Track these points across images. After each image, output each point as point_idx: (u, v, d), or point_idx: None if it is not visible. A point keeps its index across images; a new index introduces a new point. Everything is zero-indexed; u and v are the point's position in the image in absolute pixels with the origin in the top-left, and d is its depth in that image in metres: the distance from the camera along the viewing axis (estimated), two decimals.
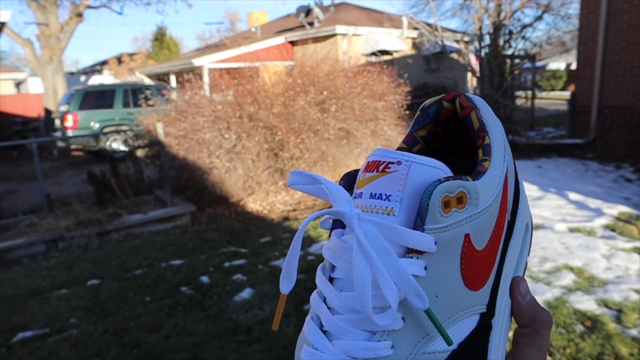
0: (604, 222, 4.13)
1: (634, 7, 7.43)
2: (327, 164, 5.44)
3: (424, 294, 0.29)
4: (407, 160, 0.32)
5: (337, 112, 5.42)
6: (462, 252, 0.32)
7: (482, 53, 9.05)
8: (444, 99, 0.41)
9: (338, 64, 6.18)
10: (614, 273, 3.19)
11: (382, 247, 0.30)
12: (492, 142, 0.37)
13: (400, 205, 0.32)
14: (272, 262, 3.78)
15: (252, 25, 19.25)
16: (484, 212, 0.34)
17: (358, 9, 17.14)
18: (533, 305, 0.37)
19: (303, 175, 0.33)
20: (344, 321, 0.31)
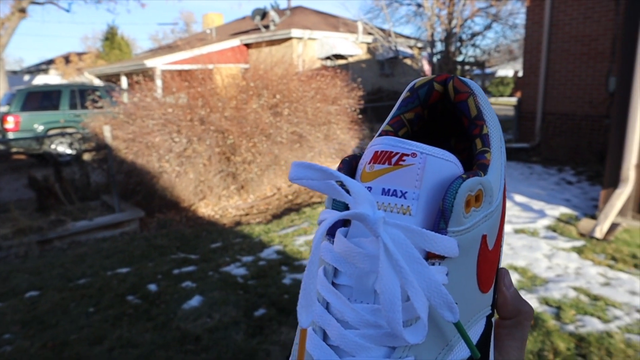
0: (546, 223, 4.31)
1: (574, 20, 7.82)
2: (280, 168, 5.41)
3: (455, 306, 0.27)
4: (421, 152, 0.30)
5: (290, 116, 5.41)
6: (479, 255, 0.31)
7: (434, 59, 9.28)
8: (435, 80, 0.37)
9: (292, 68, 6.17)
10: (554, 272, 3.32)
11: (412, 255, 0.27)
12: (490, 131, 0.35)
13: (418, 203, 0.29)
14: (222, 268, 3.72)
15: (207, 27, 18.98)
16: (496, 210, 0.32)
17: (314, 13, 17.22)
18: (517, 297, 0.37)
19: (312, 169, 0.28)
20: (360, 337, 0.28)
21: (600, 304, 2.87)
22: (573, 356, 2.41)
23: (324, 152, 5.83)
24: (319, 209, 5.07)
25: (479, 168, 0.32)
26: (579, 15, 7.83)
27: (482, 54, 14.15)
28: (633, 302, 2.90)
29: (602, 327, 2.63)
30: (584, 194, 5.28)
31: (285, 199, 5.89)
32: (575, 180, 6.01)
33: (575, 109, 7.58)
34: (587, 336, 2.54)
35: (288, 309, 2.98)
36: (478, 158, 0.33)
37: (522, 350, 0.36)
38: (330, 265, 0.30)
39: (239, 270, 3.66)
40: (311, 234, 4.32)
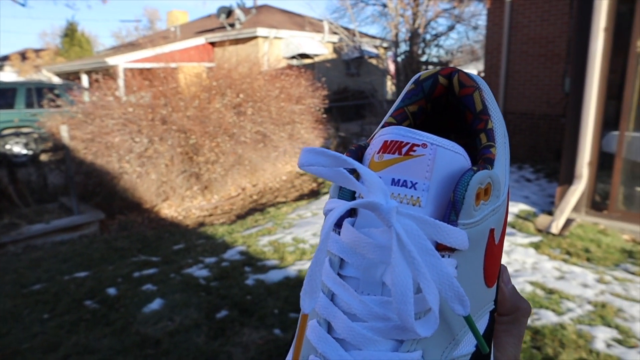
0: None
1: (532, 22, 8.06)
2: (244, 167, 5.37)
3: (466, 299, 0.26)
4: (432, 143, 0.29)
5: (253, 116, 5.37)
6: (487, 249, 0.30)
7: (399, 59, 9.38)
8: (440, 74, 0.37)
9: (256, 67, 6.13)
10: (512, 267, 3.41)
11: (425, 247, 0.26)
12: (494, 126, 0.34)
13: (428, 194, 0.29)
14: (184, 270, 3.66)
15: (172, 25, 18.65)
16: (503, 204, 0.32)
17: (280, 12, 17.15)
18: (514, 294, 0.37)
19: (324, 155, 0.27)
20: (368, 329, 0.27)
21: (554, 297, 2.96)
22: (529, 348, 2.48)
23: (288, 152, 5.82)
24: (284, 209, 5.06)
25: (484, 162, 0.32)
26: (537, 17, 8.07)
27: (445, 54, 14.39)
28: (585, 294, 3.01)
29: (556, 319, 2.72)
30: (542, 190, 5.44)
31: (250, 199, 5.85)
32: (534, 177, 6.19)
33: (533, 109, 7.81)
34: (542, 329, 2.62)
35: (250, 310, 2.96)
36: (483, 152, 0.33)
37: (519, 346, 0.36)
38: (337, 256, 0.30)
39: (202, 271, 3.61)
40: (275, 234, 4.30)
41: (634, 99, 4.38)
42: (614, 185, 4.32)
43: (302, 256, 3.73)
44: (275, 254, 3.82)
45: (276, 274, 3.45)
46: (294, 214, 4.85)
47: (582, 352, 2.43)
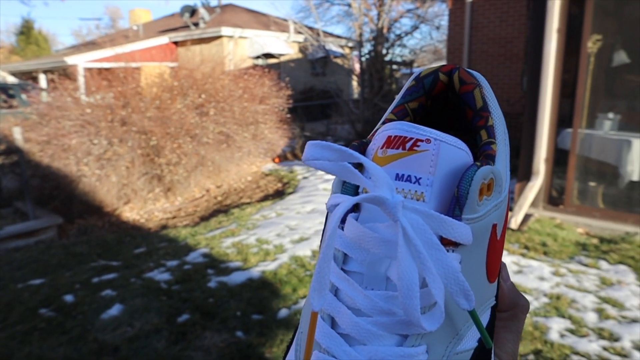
0: None
1: (491, 23, 8.25)
2: (207, 169, 5.30)
3: (471, 294, 0.26)
4: (435, 138, 0.29)
5: (216, 116, 5.31)
6: (489, 244, 0.30)
7: (364, 59, 9.45)
8: (441, 71, 0.37)
9: (219, 66, 6.06)
10: None
11: (430, 241, 0.26)
12: (495, 123, 0.35)
13: (432, 190, 0.29)
14: (145, 274, 3.58)
15: (134, 23, 18.23)
16: (504, 200, 0.32)
17: (245, 11, 17.02)
18: (513, 290, 0.37)
19: (330, 149, 0.27)
20: (373, 324, 0.27)
21: None
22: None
23: (252, 152, 5.78)
24: (248, 210, 5.02)
25: (486, 159, 0.32)
26: (496, 18, 8.27)
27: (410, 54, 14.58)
28: (541, 287, 3.10)
29: None
30: None
31: (214, 200, 5.78)
32: None
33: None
34: None
35: (213, 312, 2.92)
36: (484, 149, 0.33)
37: (517, 342, 0.36)
38: (340, 251, 0.29)
39: (163, 275, 3.54)
40: (239, 235, 4.26)
41: (586, 98, 4.54)
42: (569, 180, 4.47)
43: (266, 257, 3.71)
44: (238, 255, 3.78)
45: (239, 275, 3.42)
46: (258, 215, 4.82)
47: (538, 344, 2.50)
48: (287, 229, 4.30)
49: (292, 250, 3.78)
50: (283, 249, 3.83)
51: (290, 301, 3.02)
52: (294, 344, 0.32)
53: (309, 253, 3.72)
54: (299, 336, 0.31)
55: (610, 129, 4.66)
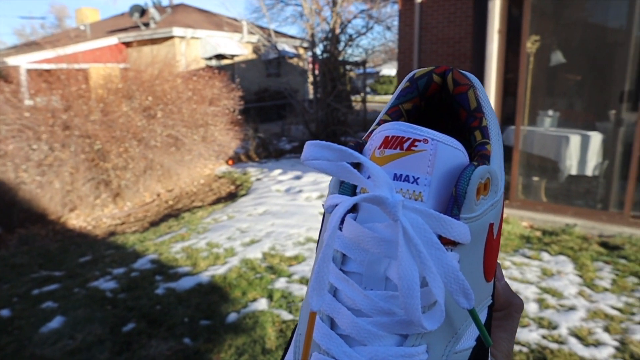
0: None
1: (440, 23, 8.45)
2: (156, 172, 5.17)
3: (471, 293, 0.26)
4: (432, 138, 0.29)
5: (164, 119, 5.19)
6: (486, 243, 0.30)
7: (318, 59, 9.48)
8: (434, 72, 0.37)
9: (167, 68, 5.93)
10: None
11: (431, 240, 0.26)
12: (489, 124, 0.34)
13: (429, 189, 0.29)
14: (90, 284, 3.46)
15: (81, 23, 17.59)
16: (500, 199, 0.32)
17: (197, 11, 16.73)
18: (507, 289, 0.37)
19: (330, 149, 0.27)
20: (373, 324, 0.27)
21: None
22: None
23: (203, 155, 5.68)
24: (199, 214, 4.93)
25: (480, 159, 0.32)
26: (444, 19, 8.47)
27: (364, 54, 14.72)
28: None
29: None
30: None
31: (165, 205, 5.65)
32: None
33: None
34: None
35: (159, 320, 2.85)
36: (479, 149, 0.33)
37: (512, 342, 0.36)
38: (339, 251, 0.29)
39: (109, 284, 3.42)
40: (189, 239, 4.18)
41: (527, 96, 4.71)
42: (513, 176, 4.62)
43: (216, 261, 3.65)
44: (188, 260, 3.71)
45: (188, 281, 3.35)
46: (209, 218, 4.74)
47: None
48: (238, 231, 4.25)
49: (243, 253, 3.74)
50: (233, 252, 3.79)
51: (240, 305, 2.98)
52: (292, 346, 0.32)
53: (260, 255, 3.70)
54: (297, 338, 0.31)
55: (550, 126, 4.86)
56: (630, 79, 4.39)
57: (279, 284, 3.22)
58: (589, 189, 4.73)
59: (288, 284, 3.22)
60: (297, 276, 3.32)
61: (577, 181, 4.68)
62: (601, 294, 2.99)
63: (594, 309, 2.80)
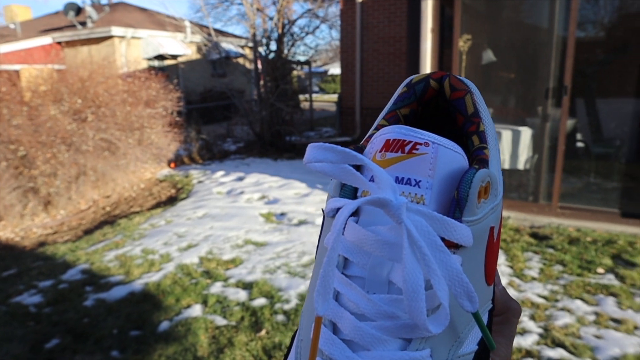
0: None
1: (380, 23, 8.57)
2: (90, 178, 4.96)
3: (475, 296, 0.26)
4: (433, 142, 0.29)
5: (96, 122, 4.97)
6: (487, 246, 0.30)
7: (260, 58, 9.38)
8: (431, 77, 0.37)
9: (101, 69, 5.69)
10: None
11: (435, 243, 0.26)
12: (486, 129, 0.35)
13: (431, 192, 0.29)
14: (12, 299, 3.26)
15: (11, 21, 16.65)
16: (500, 203, 0.32)
17: (137, 10, 16.22)
18: (505, 295, 0.37)
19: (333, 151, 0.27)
20: (376, 329, 0.27)
21: None
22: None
23: (139, 159, 5.50)
24: (136, 220, 4.77)
25: (479, 163, 0.32)
26: (385, 18, 8.60)
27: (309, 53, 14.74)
28: None
29: None
30: None
31: (102, 211, 5.43)
32: None
33: (386, 103, 8.30)
34: None
35: (87, 333, 2.72)
36: (477, 154, 0.33)
37: (510, 346, 0.36)
38: (341, 255, 0.29)
39: (34, 298, 3.24)
40: (123, 247, 4.03)
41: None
42: None
43: (150, 268, 3.53)
44: (121, 268, 3.57)
45: (120, 290, 3.23)
46: (146, 224, 4.59)
47: None
48: (175, 236, 4.14)
49: (179, 259, 3.64)
50: (169, 258, 3.68)
51: (173, 312, 2.89)
52: (293, 352, 0.31)
53: (196, 260, 3.61)
54: (298, 344, 0.31)
55: None
56: (554, 77, 4.60)
57: (215, 288, 3.15)
58: (521, 182, 4.93)
59: (224, 288, 3.16)
60: (233, 280, 3.27)
61: (510, 175, 4.86)
62: (529, 284, 3.11)
63: (522, 299, 2.91)
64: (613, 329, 2.56)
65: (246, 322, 2.75)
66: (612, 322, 2.64)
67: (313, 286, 0.31)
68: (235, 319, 2.78)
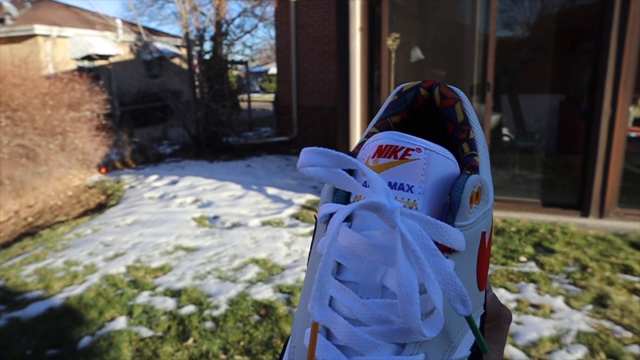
0: (291, 211, 4.60)
1: (315, 22, 8.59)
2: (5, 188, 4.64)
3: (468, 299, 0.26)
4: (425, 148, 0.29)
5: (13, 127, 4.66)
6: (479, 251, 0.31)
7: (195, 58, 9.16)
8: (422, 86, 0.37)
9: (17, 70, 5.34)
10: (292, 258, 3.55)
11: (428, 247, 0.26)
12: (476, 136, 0.35)
13: (424, 198, 0.29)
14: None
15: None
16: (491, 209, 0.32)
17: (63, 7, 15.40)
18: (495, 301, 0.37)
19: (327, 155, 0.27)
20: (370, 334, 0.27)
21: None
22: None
23: (62, 165, 5.21)
24: (60, 230, 4.51)
25: (469, 170, 0.32)
26: (319, 17, 8.62)
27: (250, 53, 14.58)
28: None
29: None
30: None
31: (23, 222, 5.11)
32: None
33: (323, 102, 8.36)
34: None
35: None
36: (467, 161, 0.33)
37: (501, 353, 0.36)
38: (334, 261, 0.29)
39: None
40: (44, 259, 3.80)
41: (391, 91, 4.93)
42: None
43: (73, 280, 3.35)
44: (40, 283, 3.36)
45: (37, 306, 3.03)
46: (71, 234, 4.35)
47: None
48: (101, 245, 3.95)
49: (105, 269, 3.48)
50: (94, 269, 3.50)
51: (95, 326, 2.75)
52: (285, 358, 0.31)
53: (123, 270, 3.46)
54: (291, 350, 0.31)
55: None
56: (478, 74, 4.77)
57: (141, 298, 3.03)
58: None
59: (151, 297, 3.04)
60: (161, 288, 3.15)
61: None
62: None
63: None
64: (532, 314, 2.69)
65: (173, 331, 2.66)
66: (531, 307, 2.77)
67: (307, 292, 0.30)
68: (162, 328, 2.69)
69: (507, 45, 6.64)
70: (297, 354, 0.30)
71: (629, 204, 4.30)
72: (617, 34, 3.88)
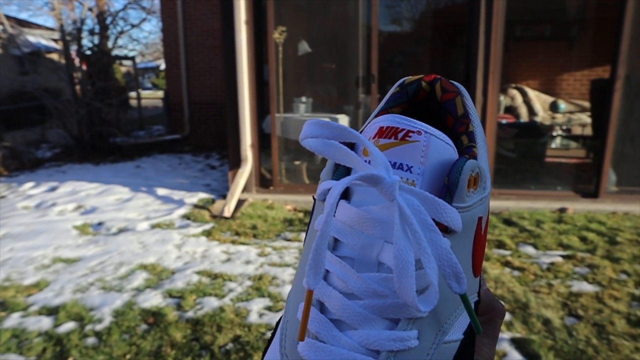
0: (182, 212, 4.43)
1: (204, 15, 8.33)
2: None
3: (463, 277, 0.26)
4: (426, 131, 0.30)
5: None
6: (475, 236, 0.31)
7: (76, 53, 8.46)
8: (424, 79, 0.38)
9: None
10: (183, 260, 3.41)
11: (426, 222, 0.26)
12: (475, 129, 0.36)
13: (422, 179, 0.29)
14: None
15: None
16: (488, 197, 0.33)
17: None
18: (489, 295, 0.37)
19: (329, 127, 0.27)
20: (364, 307, 0.27)
21: (218, 281, 3.07)
22: (188, 343, 2.47)
23: None
24: None
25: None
26: (207, 11, 8.36)
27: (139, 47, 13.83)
28: (247, 271, 3.22)
29: (217, 303, 2.81)
30: (223, 176, 5.70)
31: None
32: (219, 164, 6.45)
33: (216, 98, 8.15)
34: (202, 318, 2.66)
35: None
36: (466, 151, 0.33)
37: (494, 347, 0.36)
38: (331, 236, 0.29)
39: None
40: None
41: (280, 85, 4.92)
42: (274, 162, 4.80)
43: None
44: None
45: None
46: None
47: (237, 330, 2.56)
48: None
49: None
50: None
51: None
52: (277, 334, 0.31)
53: None
54: (283, 325, 0.30)
55: (305, 111, 5.18)
56: (363, 66, 4.92)
57: (11, 321, 2.73)
58: None
59: (23, 318, 2.75)
60: (36, 307, 2.87)
61: None
62: None
63: None
64: None
65: (48, 353, 2.42)
66: None
67: (303, 269, 0.30)
68: (35, 352, 2.44)
69: (392, 39, 6.93)
70: (290, 328, 0.30)
71: (502, 184, 4.70)
72: (485, 28, 4.20)
